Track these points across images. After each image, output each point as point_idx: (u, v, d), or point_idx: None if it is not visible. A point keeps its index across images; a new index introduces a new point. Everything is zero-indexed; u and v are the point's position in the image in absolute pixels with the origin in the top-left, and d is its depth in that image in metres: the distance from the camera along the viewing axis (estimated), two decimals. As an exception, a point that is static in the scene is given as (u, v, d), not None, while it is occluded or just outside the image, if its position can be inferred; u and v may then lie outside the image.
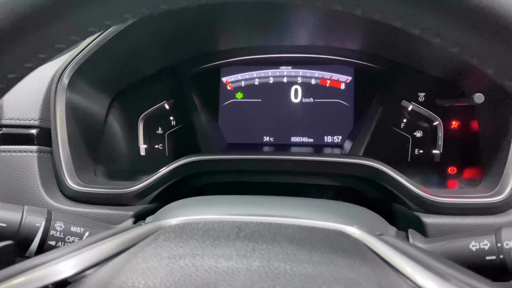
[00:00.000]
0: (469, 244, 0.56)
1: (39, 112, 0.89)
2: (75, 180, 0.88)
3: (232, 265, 0.39)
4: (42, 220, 0.61)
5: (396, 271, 0.41)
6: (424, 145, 1.03)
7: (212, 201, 0.66)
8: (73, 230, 0.63)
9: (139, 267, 0.39)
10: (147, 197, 0.89)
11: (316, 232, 0.49)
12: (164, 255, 0.41)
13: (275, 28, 1.03)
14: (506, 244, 0.53)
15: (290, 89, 1.11)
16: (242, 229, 0.48)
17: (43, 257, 0.42)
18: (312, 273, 0.38)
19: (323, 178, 0.97)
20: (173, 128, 1.12)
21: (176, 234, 0.47)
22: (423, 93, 1.03)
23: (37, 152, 0.87)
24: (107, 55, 0.93)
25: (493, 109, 0.88)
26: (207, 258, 0.40)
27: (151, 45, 1.02)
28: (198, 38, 1.06)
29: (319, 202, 0.67)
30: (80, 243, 0.46)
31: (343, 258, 0.42)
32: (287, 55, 1.12)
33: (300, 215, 0.55)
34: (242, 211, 0.58)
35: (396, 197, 0.85)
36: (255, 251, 0.42)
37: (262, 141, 1.11)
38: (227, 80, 1.13)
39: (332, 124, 1.09)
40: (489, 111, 0.90)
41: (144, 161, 1.12)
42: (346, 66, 1.09)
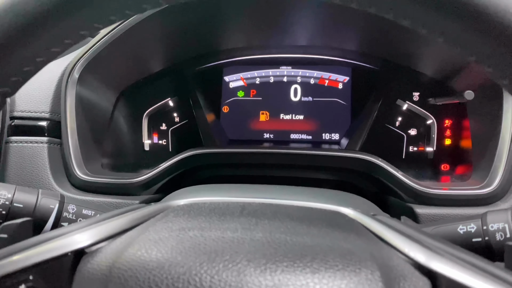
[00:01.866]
0: (457, 228, 0.60)
1: (49, 105, 0.92)
2: (83, 170, 0.91)
3: (238, 235, 0.42)
4: (55, 202, 0.65)
5: (388, 244, 0.45)
6: (418, 142, 1.07)
7: (217, 188, 0.69)
8: (84, 213, 0.66)
9: (151, 238, 0.42)
10: (152, 187, 0.92)
11: (314, 212, 0.53)
12: (174, 227, 0.44)
13: (276, 29, 1.08)
14: (491, 227, 0.57)
15: (289, 88, 1.15)
16: (245, 208, 0.52)
17: (62, 230, 0.45)
18: (310, 243, 0.41)
19: (321, 172, 1.01)
20: (177, 125, 1.16)
21: (185, 211, 0.50)
22: (417, 92, 1.07)
23: (47, 143, 0.90)
24: (116, 53, 0.97)
25: (482, 105, 0.92)
26: (214, 230, 0.44)
27: (157, 44, 1.06)
28: (202, 38, 1.10)
29: (317, 190, 0.70)
30: (95, 219, 0.49)
31: (339, 232, 0.45)
32: (287, 55, 1.16)
33: (299, 199, 0.58)
34: (245, 195, 0.62)
35: (391, 189, 0.89)
36: (258, 225, 0.46)
37: (263, 137, 1.15)
38: (229, 78, 1.17)
39: (330, 122, 1.13)
40: (479, 108, 0.94)
41: (148, 156, 1.15)
42: (344, 67, 1.13)
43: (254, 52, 1.17)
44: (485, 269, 0.36)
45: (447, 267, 0.37)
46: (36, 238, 0.43)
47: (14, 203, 0.62)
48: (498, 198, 0.80)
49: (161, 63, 1.14)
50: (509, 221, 0.56)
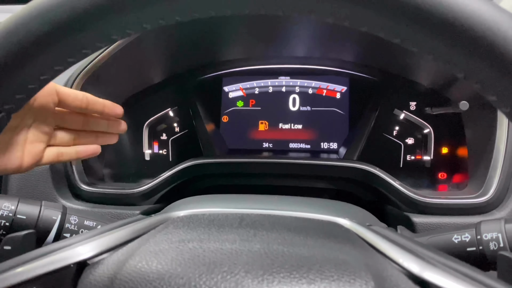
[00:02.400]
0: (452, 237, 0.61)
1: (51, 117, 0.94)
2: (84, 181, 0.93)
3: (236, 247, 0.43)
4: (58, 213, 0.66)
5: (383, 255, 0.46)
6: (416, 151, 1.08)
7: (216, 198, 0.71)
8: (86, 224, 0.68)
9: (151, 249, 0.43)
10: (153, 197, 0.93)
11: (311, 222, 0.54)
12: (174, 239, 0.46)
13: (275, 40, 1.09)
14: (485, 236, 0.58)
15: (288, 98, 1.17)
16: (244, 219, 0.53)
17: (64, 242, 0.47)
18: (307, 254, 0.42)
19: (320, 181, 1.02)
20: (177, 134, 1.18)
21: (184, 223, 0.52)
22: (414, 102, 1.08)
23: (49, 154, 0.92)
24: (117, 65, 0.98)
25: (477, 115, 0.93)
26: (213, 241, 0.45)
27: (158, 56, 1.08)
28: (202, 49, 1.12)
29: (315, 200, 0.72)
30: (96, 231, 0.50)
31: (334, 243, 0.46)
32: (286, 66, 1.17)
33: (296, 209, 0.59)
34: (243, 206, 0.63)
35: (388, 199, 0.90)
36: (256, 236, 0.47)
37: (262, 147, 1.16)
38: (229, 89, 1.19)
39: (328, 131, 1.14)
40: (474, 117, 0.95)
41: (149, 166, 1.17)
42: (342, 77, 1.15)
43: (253, 63, 1.19)
44: (478, 279, 0.37)
45: (440, 277, 0.37)
46: (39, 250, 0.44)
47: (18, 214, 0.64)
48: (494, 206, 0.81)
49: (162, 74, 1.16)
50: (502, 230, 0.57)
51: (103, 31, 0.37)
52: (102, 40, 0.38)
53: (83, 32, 0.37)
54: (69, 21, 0.35)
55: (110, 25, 0.37)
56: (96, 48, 0.39)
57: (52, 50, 0.37)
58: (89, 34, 0.37)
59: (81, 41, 0.38)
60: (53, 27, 0.36)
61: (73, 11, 0.35)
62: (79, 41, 0.38)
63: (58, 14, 0.35)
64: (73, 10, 0.35)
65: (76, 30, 0.36)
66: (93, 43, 0.38)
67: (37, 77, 0.39)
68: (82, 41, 0.38)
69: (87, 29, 0.36)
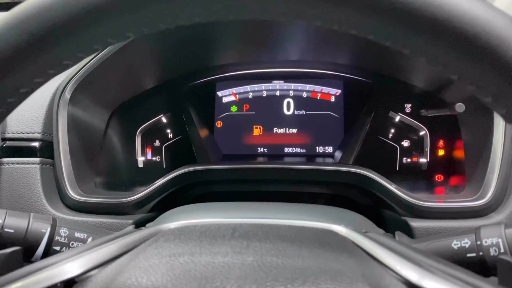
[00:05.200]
0: (451, 243, 0.60)
1: (41, 125, 0.92)
2: (76, 190, 0.91)
3: (228, 260, 0.42)
4: (47, 226, 0.64)
5: (380, 263, 0.45)
6: (412, 154, 1.07)
7: (209, 207, 0.69)
8: (77, 236, 0.66)
9: (141, 265, 0.42)
10: (146, 206, 0.92)
11: (306, 231, 0.53)
12: (164, 253, 0.44)
13: (268, 44, 1.08)
14: (485, 242, 0.57)
15: (282, 102, 1.15)
16: (236, 230, 0.51)
17: (51, 259, 0.45)
18: (301, 265, 0.41)
19: (316, 186, 1.01)
20: (170, 141, 1.16)
21: (175, 235, 0.50)
22: (409, 104, 1.07)
23: (39, 164, 0.90)
24: (108, 71, 0.97)
25: (473, 117, 0.92)
26: (205, 255, 0.43)
27: (149, 62, 1.06)
28: (194, 55, 1.11)
29: (309, 206, 0.70)
30: (85, 246, 0.49)
31: (330, 252, 0.45)
32: (280, 69, 1.17)
33: (291, 217, 0.58)
34: (236, 215, 0.61)
35: (385, 203, 0.89)
36: (249, 248, 0.45)
37: (257, 152, 1.15)
38: (222, 94, 1.17)
39: (323, 135, 1.13)
40: (471, 119, 0.95)
41: (142, 173, 1.15)
42: (336, 80, 1.14)
43: (247, 67, 1.18)
44: (478, 286, 0.36)
45: (439, 285, 0.37)
46: (26, 268, 0.42)
47: (5, 228, 0.62)
48: (492, 209, 0.80)
49: (154, 80, 1.14)
50: (502, 235, 0.56)
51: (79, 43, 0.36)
52: (84, 50, 0.37)
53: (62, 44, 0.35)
54: (47, 33, 0.34)
55: (92, 36, 0.36)
56: (78, 59, 0.38)
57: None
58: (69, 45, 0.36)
59: (76, 44, 0.36)
60: (31, 38, 0.34)
61: (48, 23, 0.34)
62: (73, 44, 0.36)
63: (35, 25, 0.34)
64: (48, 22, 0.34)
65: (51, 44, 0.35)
66: (74, 53, 0.37)
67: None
68: (77, 45, 0.37)
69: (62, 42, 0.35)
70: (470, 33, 0.31)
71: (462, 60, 0.33)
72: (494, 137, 0.82)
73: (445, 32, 0.32)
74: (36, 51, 0.35)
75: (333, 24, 0.36)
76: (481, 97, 0.36)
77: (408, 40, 0.34)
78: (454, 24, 0.32)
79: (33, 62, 0.35)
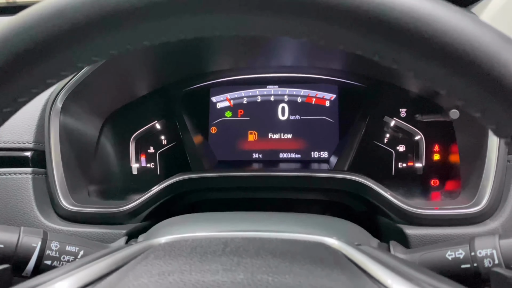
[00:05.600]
0: (446, 254, 0.59)
1: (33, 135, 0.91)
2: (69, 200, 0.90)
3: (218, 279, 0.41)
4: (38, 240, 0.63)
5: (372, 279, 0.44)
6: (407, 159, 1.07)
7: (201, 219, 0.68)
8: (68, 249, 0.65)
9: (130, 285, 0.41)
10: (140, 215, 0.91)
11: (297, 245, 0.52)
12: (154, 272, 0.44)
13: (262, 50, 1.08)
14: (479, 253, 0.56)
15: (277, 107, 1.15)
16: (228, 245, 0.51)
17: (39, 279, 0.44)
18: (292, 283, 0.40)
19: (311, 193, 1.00)
20: (165, 147, 1.15)
21: (165, 252, 0.49)
22: (404, 109, 1.07)
23: (31, 174, 0.89)
24: (100, 79, 0.96)
25: (469, 123, 0.92)
26: (194, 273, 0.43)
27: (143, 68, 1.05)
28: (188, 60, 1.10)
29: (303, 216, 0.70)
30: (74, 264, 0.48)
31: (322, 268, 0.44)
32: (274, 74, 1.16)
33: (283, 229, 0.57)
34: (228, 228, 0.61)
35: (380, 210, 0.88)
36: (240, 265, 0.45)
37: (252, 158, 1.14)
38: (216, 99, 1.17)
39: (318, 140, 1.12)
40: (465, 125, 0.94)
41: (136, 180, 1.14)
42: (330, 85, 1.13)
43: (241, 72, 1.17)
44: None
45: None
46: None
47: (-6, 243, 0.61)
48: (487, 216, 0.79)
49: (147, 86, 1.14)
50: (496, 246, 0.55)
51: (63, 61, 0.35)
52: (68, 69, 0.36)
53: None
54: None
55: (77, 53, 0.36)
56: (62, 77, 0.37)
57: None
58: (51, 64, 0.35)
59: (72, 55, 0.36)
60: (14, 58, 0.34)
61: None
62: (69, 55, 0.36)
63: (16, 44, 0.33)
64: None
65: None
66: (58, 72, 0.36)
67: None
68: (73, 56, 0.36)
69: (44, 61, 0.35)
70: (457, 50, 0.31)
71: (449, 76, 0.33)
72: (489, 143, 0.82)
73: (432, 49, 0.32)
74: (17, 71, 0.34)
75: (319, 39, 0.36)
76: (470, 112, 0.35)
77: (395, 56, 0.34)
78: (442, 41, 0.31)
79: (15, 82, 0.35)
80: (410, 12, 0.31)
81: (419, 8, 0.31)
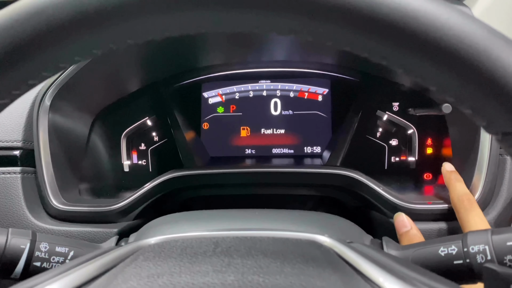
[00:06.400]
0: (438, 250, 0.59)
1: (22, 133, 0.90)
2: (59, 199, 0.89)
3: (208, 280, 0.41)
4: (27, 242, 0.62)
5: (364, 277, 0.44)
6: (400, 153, 1.07)
7: (192, 217, 0.68)
8: (58, 250, 0.64)
9: (119, 287, 0.40)
10: (131, 213, 0.90)
11: (289, 244, 0.51)
12: (143, 274, 0.43)
13: (253, 44, 1.06)
14: (472, 249, 0.56)
15: (269, 102, 1.14)
16: (218, 245, 0.50)
17: (26, 284, 0.43)
18: (284, 284, 0.40)
19: (304, 188, 1.00)
20: (156, 144, 1.14)
21: (155, 253, 0.49)
22: (397, 103, 1.06)
23: (20, 173, 0.88)
24: (88, 76, 0.94)
25: (461, 117, 0.92)
26: (184, 275, 0.42)
27: (132, 64, 1.04)
28: (178, 56, 1.09)
29: (295, 213, 0.69)
30: (62, 268, 0.47)
31: (313, 268, 0.44)
32: (266, 69, 1.15)
33: (275, 227, 0.57)
34: (220, 226, 0.60)
35: (373, 205, 0.88)
36: (230, 266, 0.44)
37: (244, 153, 1.13)
38: (208, 95, 1.16)
39: (311, 135, 1.12)
40: (458, 119, 0.94)
41: (128, 177, 1.13)
42: (323, 79, 1.12)
43: (233, 67, 1.16)
44: None
45: None
46: None
47: (-18, 245, 0.60)
48: (481, 209, 0.79)
49: (137, 82, 1.12)
50: (489, 242, 0.55)
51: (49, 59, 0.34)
52: (49, 70, 0.35)
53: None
54: None
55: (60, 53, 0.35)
56: (43, 78, 0.36)
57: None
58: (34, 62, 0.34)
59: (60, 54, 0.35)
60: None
61: None
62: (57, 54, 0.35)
63: None
64: None
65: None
66: (39, 73, 0.35)
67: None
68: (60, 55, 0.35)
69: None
70: (447, 46, 0.30)
71: (439, 73, 0.32)
72: (481, 137, 0.82)
73: (421, 46, 0.31)
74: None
75: (307, 36, 0.35)
76: (460, 108, 0.35)
77: (384, 53, 0.33)
78: (431, 37, 0.31)
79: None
80: (399, 8, 0.30)
81: (408, 3, 0.31)
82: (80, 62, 0.87)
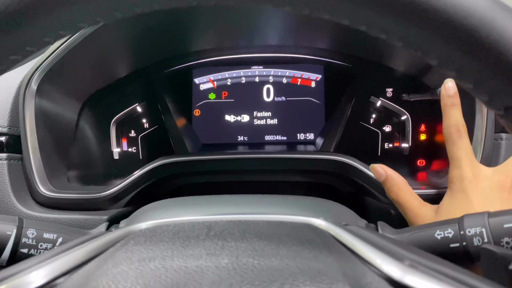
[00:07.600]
0: (435, 233, 0.59)
1: (7, 119, 0.87)
2: (47, 186, 0.87)
3: (201, 264, 0.39)
4: (13, 228, 0.61)
5: (361, 259, 0.43)
6: (393, 139, 1.06)
7: (185, 203, 0.66)
8: (45, 237, 0.62)
9: (109, 272, 0.39)
10: (121, 201, 0.88)
11: (284, 227, 0.50)
12: (134, 258, 0.42)
13: (245, 28, 1.05)
14: (468, 232, 0.56)
15: (262, 88, 1.12)
16: (212, 229, 0.49)
17: (13, 269, 0.42)
18: (279, 266, 0.39)
19: (297, 174, 0.99)
20: (147, 131, 1.12)
21: (146, 238, 0.47)
22: (391, 88, 1.05)
23: (7, 160, 0.86)
24: (76, 60, 0.92)
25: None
26: (177, 259, 0.41)
27: (121, 49, 1.01)
28: (168, 40, 1.06)
29: (289, 198, 0.68)
30: (51, 252, 0.46)
31: (309, 250, 0.43)
32: (258, 55, 1.13)
33: (269, 211, 0.56)
34: (212, 211, 0.59)
35: (367, 190, 0.87)
36: (224, 249, 0.43)
37: (237, 140, 1.12)
38: (199, 81, 1.14)
39: (304, 121, 1.11)
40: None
41: (118, 164, 1.11)
42: (316, 65, 1.11)
43: (225, 53, 1.14)
44: (462, 280, 0.35)
45: (422, 281, 0.35)
46: None
47: (-34, 232, 0.58)
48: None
49: (127, 67, 1.10)
50: (486, 225, 0.54)
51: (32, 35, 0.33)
52: (34, 44, 0.34)
53: None
54: None
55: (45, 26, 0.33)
56: (28, 54, 0.34)
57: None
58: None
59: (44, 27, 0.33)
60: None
61: None
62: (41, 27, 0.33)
63: None
64: None
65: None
66: (22, 47, 0.33)
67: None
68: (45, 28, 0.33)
69: None
70: (450, 16, 0.29)
71: (441, 45, 0.31)
72: (476, 122, 0.81)
73: (423, 16, 0.30)
74: None
75: (303, 7, 0.33)
76: (462, 83, 0.34)
77: (384, 25, 0.32)
78: (433, 7, 0.29)
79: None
80: None
81: None
82: (67, 45, 0.85)
